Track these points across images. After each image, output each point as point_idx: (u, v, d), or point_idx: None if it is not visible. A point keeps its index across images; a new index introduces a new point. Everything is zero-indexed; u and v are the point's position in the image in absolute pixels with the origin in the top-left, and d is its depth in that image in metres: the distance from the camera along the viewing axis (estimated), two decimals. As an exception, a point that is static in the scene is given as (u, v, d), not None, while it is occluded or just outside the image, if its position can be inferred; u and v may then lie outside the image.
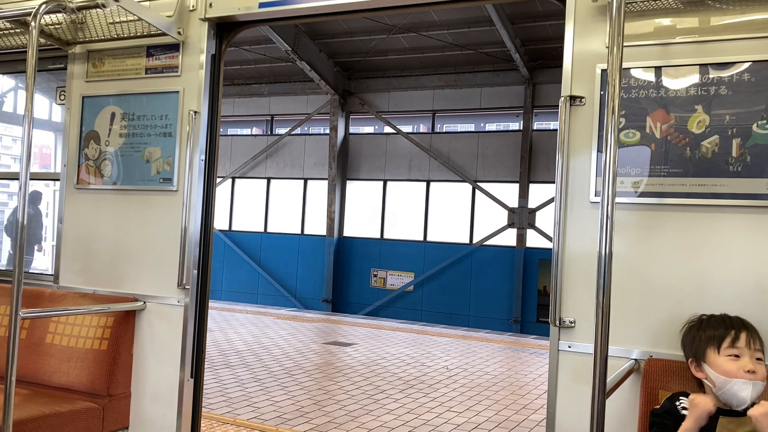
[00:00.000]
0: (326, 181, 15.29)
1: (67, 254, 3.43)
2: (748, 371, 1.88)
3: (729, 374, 1.90)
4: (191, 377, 3.12)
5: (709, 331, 2.00)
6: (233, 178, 16.62)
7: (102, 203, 3.35)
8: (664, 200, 2.27)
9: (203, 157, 3.14)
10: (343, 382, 6.39)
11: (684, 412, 1.92)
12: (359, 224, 15.47)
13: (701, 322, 2.06)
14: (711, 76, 2.23)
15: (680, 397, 1.98)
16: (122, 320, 3.16)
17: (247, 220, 16.63)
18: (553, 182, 2.45)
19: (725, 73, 2.21)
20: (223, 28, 3.19)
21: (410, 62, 14.26)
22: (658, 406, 2.04)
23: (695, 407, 1.89)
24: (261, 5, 2.98)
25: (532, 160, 13.48)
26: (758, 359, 1.92)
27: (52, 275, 3.49)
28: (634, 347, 2.29)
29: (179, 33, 3.15)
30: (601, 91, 2.37)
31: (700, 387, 2.04)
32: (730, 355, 1.93)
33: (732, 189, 2.17)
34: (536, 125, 13.82)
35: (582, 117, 2.40)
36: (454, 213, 14.44)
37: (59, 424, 2.83)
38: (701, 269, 2.21)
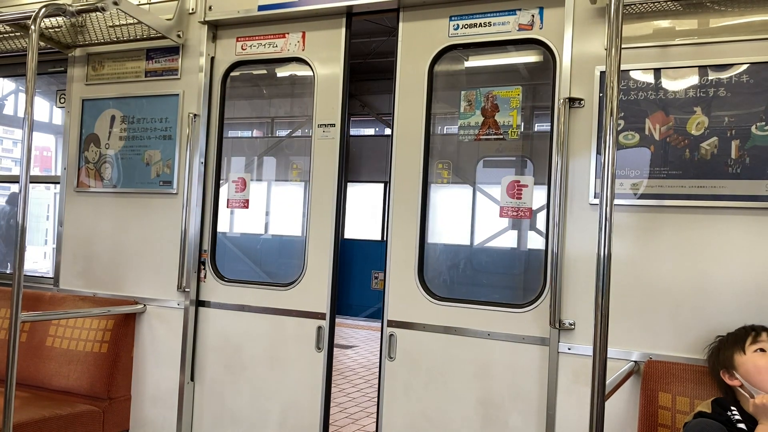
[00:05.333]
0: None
1: (68, 257, 3.43)
2: None
3: (759, 368, 1.89)
4: (191, 380, 3.12)
5: (731, 339, 2.02)
6: (234, 181, 16.62)
7: (102, 206, 3.35)
8: (663, 202, 2.26)
9: (203, 160, 3.14)
10: (344, 385, 6.39)
11: (740, 426, 1.85)
12: (360, 226, 15.46)
13: (722, 338, 2.08)
14: (710, 78, 2.23)
15: (731, 407, 1.91)
16: (122, 323, 3.16)
17: (249, 221, 16.61)
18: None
19: (724, 75, 2.21)
20: (223, 31, 3.20)
21: (411, 64, 14.25)
22: (706, 409, 1.95)
23: None
24: (260, 8, 2.99)
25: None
26: None
27: (52, 278, 3.49)
28: (634, 349, 2.29)
29: (179, 36, 3.16)
30: (600, 93, 2.37)
31: (722, 392, 2.02)
32: (756, 351, 1.93)
33: (731, 190, 2.17)
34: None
35: (581, 119, 2.40)
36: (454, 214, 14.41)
37: (59, 427, 2.83)
38: (701, 271, 2.21)
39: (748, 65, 2.18)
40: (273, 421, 2.94)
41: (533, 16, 2.59)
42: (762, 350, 1.92)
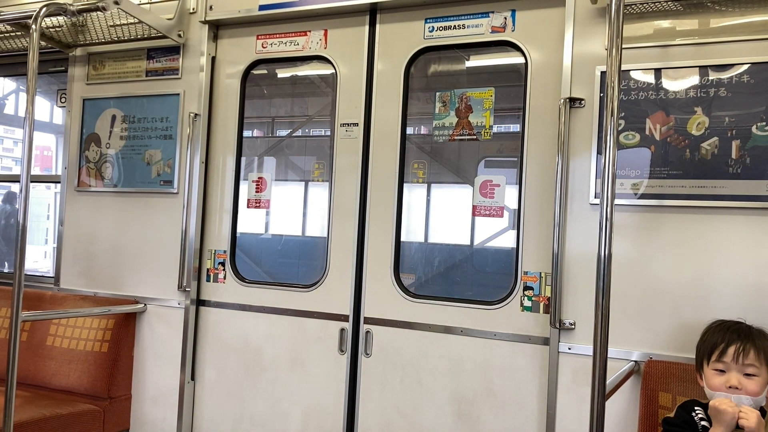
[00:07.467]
0: (327, 183, 15.26)
1: (68, 257, 3.44)
2: (730, 387, 1.84)
3: (712, 387, 1.87)
4: (191, 379, 3.12)
5: (708, 340, 1.96)
6: (234, 180, 16.60)
7: (102, 205, 3.35)
8: (663, 202, 2.27)
9: (203, 159, 3.15)
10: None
11: (703, 423, 1.85)
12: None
13: (710, 328, 2.01)
14: (710, 78, 2.23)
15: (695, 408, 1.91)
16: (123, 322, 3.16)
17: (249, 222, 16.61)
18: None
19: (725, 75, 2.21)
20: (224, 31, 3.20)
21: (411, 64, 14.23)
22: (671, 415, 1.96)
23: (722, 414, 1.77)
24: (261, 8, 2.99)
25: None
26: (748, 374, 1.85)
27: (52, 278, 3.49)
28: (634, 349, 2.29)
29: (179, 36, 3.16)
30: (600, 93, 2.37)
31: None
32: (716, 370, 1.89)
33: (732, 191, 2.17)
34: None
35: (582, 119, 2.40)
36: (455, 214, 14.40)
37: (60, 426, 2.83)
38: (701, 271, 2.21)
39: (748, 65, 2.18)
40: (294, 425, 2.92)
41: (505, 18, 2.61)
42: (721, 371, 1.88)
